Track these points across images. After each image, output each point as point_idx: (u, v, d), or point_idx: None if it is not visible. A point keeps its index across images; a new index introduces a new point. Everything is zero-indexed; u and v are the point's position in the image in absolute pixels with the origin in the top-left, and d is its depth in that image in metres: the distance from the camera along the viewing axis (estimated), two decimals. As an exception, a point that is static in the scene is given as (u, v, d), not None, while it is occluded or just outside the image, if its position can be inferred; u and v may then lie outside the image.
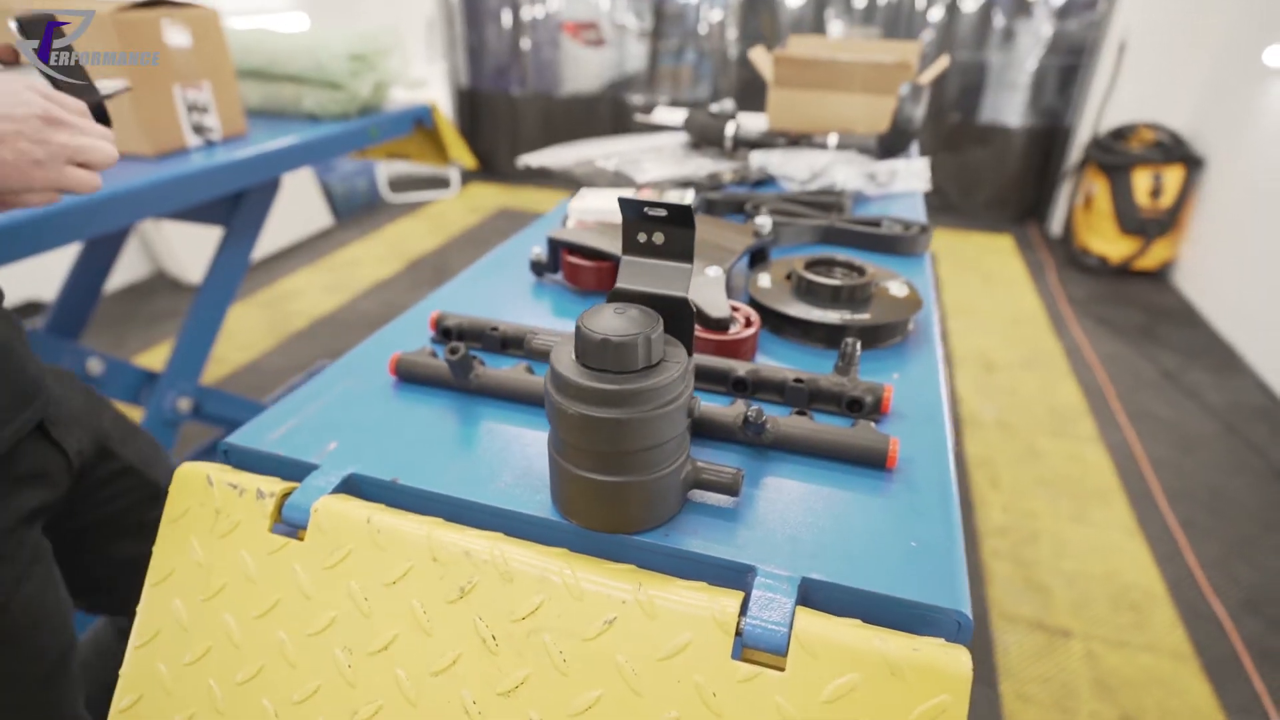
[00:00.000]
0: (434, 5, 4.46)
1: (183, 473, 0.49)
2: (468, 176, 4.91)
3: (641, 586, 0.40)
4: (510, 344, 0.63)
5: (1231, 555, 1.78)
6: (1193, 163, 3.34)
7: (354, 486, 0.49)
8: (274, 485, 0.47)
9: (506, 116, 4.83)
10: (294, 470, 0.50)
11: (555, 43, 4.61)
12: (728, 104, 1.38)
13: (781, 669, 0.37)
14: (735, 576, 0.41)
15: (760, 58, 1.36)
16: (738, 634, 0.38)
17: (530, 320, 0.70)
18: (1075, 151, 3.91)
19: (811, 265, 0.71)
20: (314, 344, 2.67)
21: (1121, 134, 3.61)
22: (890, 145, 1.22)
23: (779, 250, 0.88)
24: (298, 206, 3.61)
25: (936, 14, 3.94)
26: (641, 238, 0.45)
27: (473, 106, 4.88)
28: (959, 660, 0.36)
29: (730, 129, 1.24)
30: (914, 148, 1.50)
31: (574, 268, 0.75)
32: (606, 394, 0.38)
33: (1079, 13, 3.85)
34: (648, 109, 1.65)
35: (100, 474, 0.72)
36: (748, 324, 0.63)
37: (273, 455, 0.51)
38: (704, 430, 0.51)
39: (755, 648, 0.38)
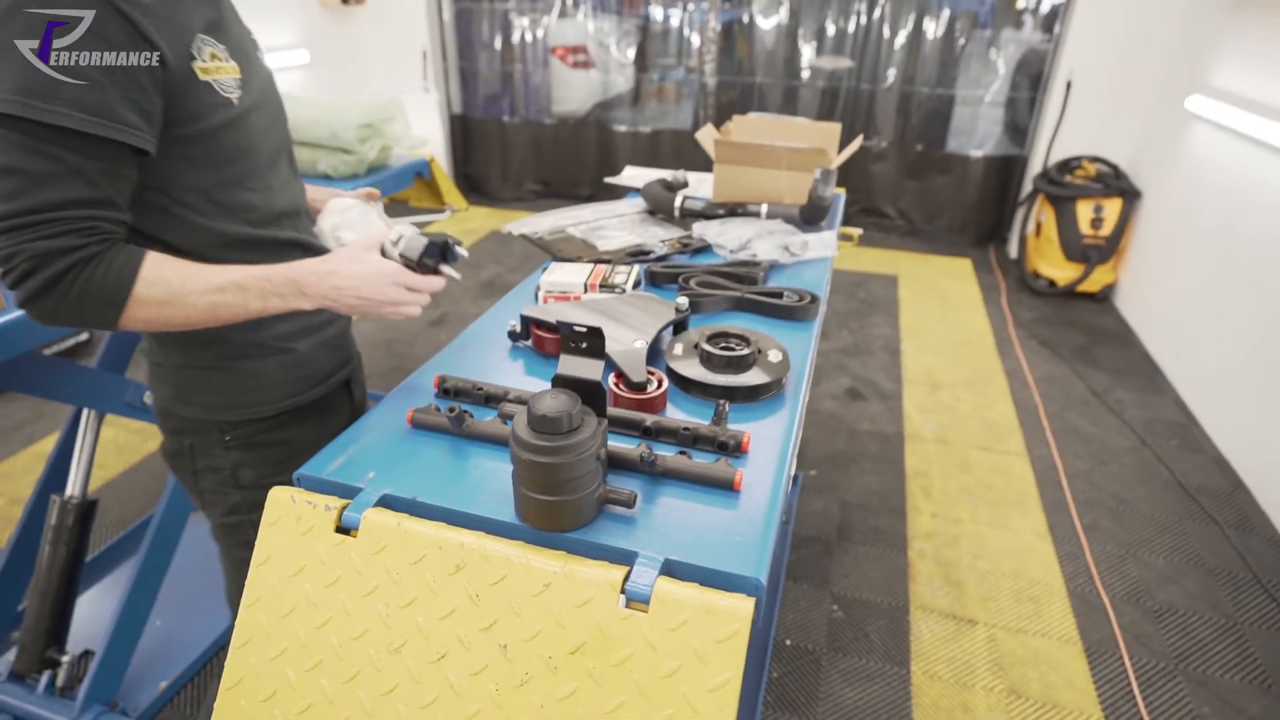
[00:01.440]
0: (428, 35, 4.72)
1: (274, 494, 0.75)
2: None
3: (566, 564, 0.66)
4: (491, 400, 0.89)
5: (1125, 555, 2.05)
6: (1131, 195, 3.63)
7: (387, 502, 0.75)
8: (335, 502, 0.74)
9: (497, 142, 5.10)
10: (346, 491, 0.76)
11: (545, 66, 4.88)
12: (681, 175, 1.65)
13: (646, 612, 0.63)
14: (625, 557, 0.68)
15: (705, 138, 1.63)
16: (623, 592, 0.64)
17: (508, 379, 0.97)
18: (1027, 182, 4.21)
19: (712, 338, 0.97)
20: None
21: (1068, 166, 3.91)
22: (808, 216, 1.49)
23: (703, 318, 1.14)
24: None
25: (901, 41, 4.22)
26: (572, 344, 0.71)
27: (465, 132, 5.14)
28: (747, 605, 0.62)
29: (679, 201, 1.51)
30: (839, 211, 1.77)
31: (539, 339, 1.01)
32: (544, 448, 0.65)
33: (1033, 50, 4.16)
34: (616, 172, 1.92)
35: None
36: (659, 385, 0.90)
37: (332, 481, 0.77)
38: (617, 463, 0.77)
39: (633, 599, 0.64)
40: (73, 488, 1.48)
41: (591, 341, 0.70)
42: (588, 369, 0.71)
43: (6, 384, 1.23)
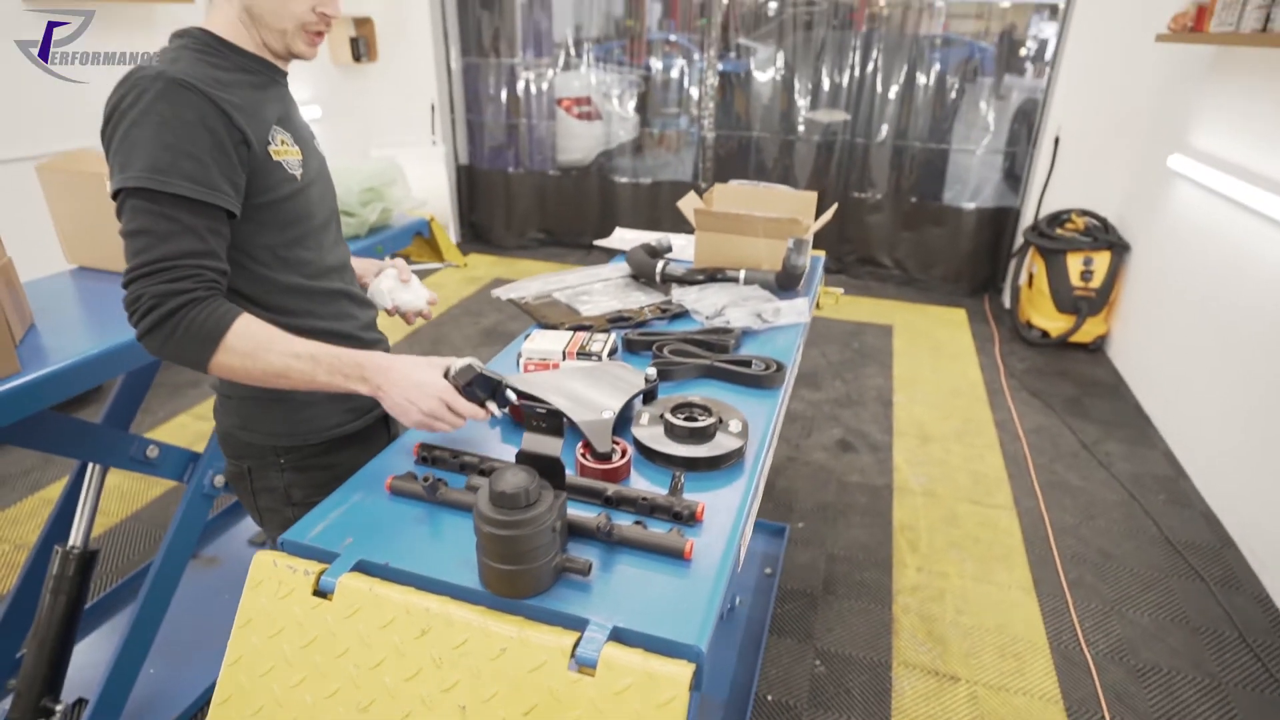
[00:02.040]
0: (437, 90, 4.90)
1: (258, 558, 0.81)
2: (466, 248, 5.30)
3: (522, 629, 0.72)
4: (467, 468, 0.95)
5: (1109, 611, 2.06)
6: (1119, 248, 3.71)
7: (362, 567, 0.81)
8: (313, 566, 0.79)
9: (502, 192, 5.25)
10: (325, 556, 0.82)
11: (551, 118, 5.05)
12: (665, 240, 1.74)
13: (593, 677, 0.68)
14: (577, 624, 0.73)
15: (686, 206, 1.71)
16: (573, 656, 0.69)
17: (487, 443, 1.03)
18: (1020, 234, 4.29)
19: (676, 408, 1.04)
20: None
21: (1058, 219, 4.00)
22: (783, 283, 1.56)
23: (673, 385, 1.21)
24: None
25: (894, 95, 4.37)
26: (534, 423, 0.78)
27: (470, 182, 5.30)
28: (685, 672, 0.67)
29: (659, 267, 1.59)
30: (818, 273, 1.84)
31: (515, 408, 1.08)
32: (502, 522, 0.71)
33: (1031, 99, 4.29)
34: (607, 232, 2.02)
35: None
36: (623, 454, 0.96)
37: (311, 546, 0.83)
38: (578, 531, 0.83)
39: (582, 664, 0.69)
40: (75, 538, 1.53)
41: (551, 422, 0.77)
42: (548, 446, 0.77)
43: (16, 441, 1.30)
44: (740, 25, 4.53)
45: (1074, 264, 3.75)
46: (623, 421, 1.06)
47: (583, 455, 0.96)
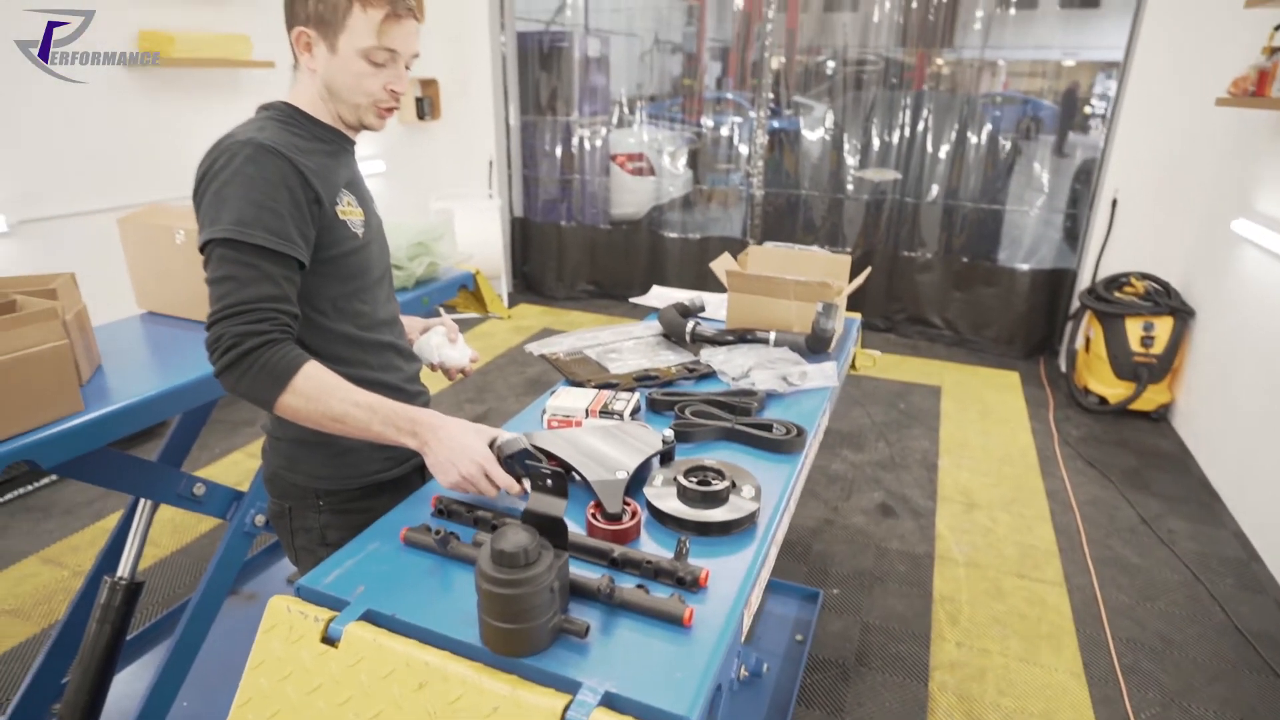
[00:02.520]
0: (495, 146, 5.12)
1: (273, 602, 0.84)
2: (516, 298, 5.44)
3: (515, 689, 0.72)
4: (480, 523, 0.98)
5: (1168, 703, 1.93)
6: (1183, 314, 3.57)
7: (370, 616, 0.83)
8: (323, 613, 0.82)
9: (554, 244, 5.40)
10: (336, 604, 0.85)
11: (605, 173, 5.21)
12: (698, 299, 1.76)
13: (582, 742, 0.68)
14: (571, 686, 0.73)
15: (719, 268, 1.74)
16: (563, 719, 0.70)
17: (504, 497, 1.05)
18: (1075, 297, 4.18)
19: (689, 471, 1.04)
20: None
21: (1116, 282, 3.88)
22: (813, 346, 1.56)
23: (692, 448, 1.22)
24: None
25: (944, 154, 4.37)
26: (539, 482, 0.80)
27: (524, 234, 5.47)
28: (673, 744, 0.66)
29: (689, 327, 1.61)
30: (853, 336, 1.84)
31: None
32: (500, 580, 0.72)
33: (1079, 164, 4.24)
34: (645, 290, 2.06)
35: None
36: (633, 516, 0.97)
37: (324, 593, 0.86)
38: (580, 591, 0.83)
39: (572, 729, 0.69)
40: (123, 569, 1.61)
41: (556, 482, 0.79)
42: (552, 506, 0.79)
43: (75, 475, 1.38)
44: (795, 84, 4.62)
45: (1133, 329, 3.63)
46: (638, 482, 1.07)
47: (593, 515, 0.97)
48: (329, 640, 0.80)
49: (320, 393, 0.98)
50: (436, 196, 4.90)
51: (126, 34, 3.04)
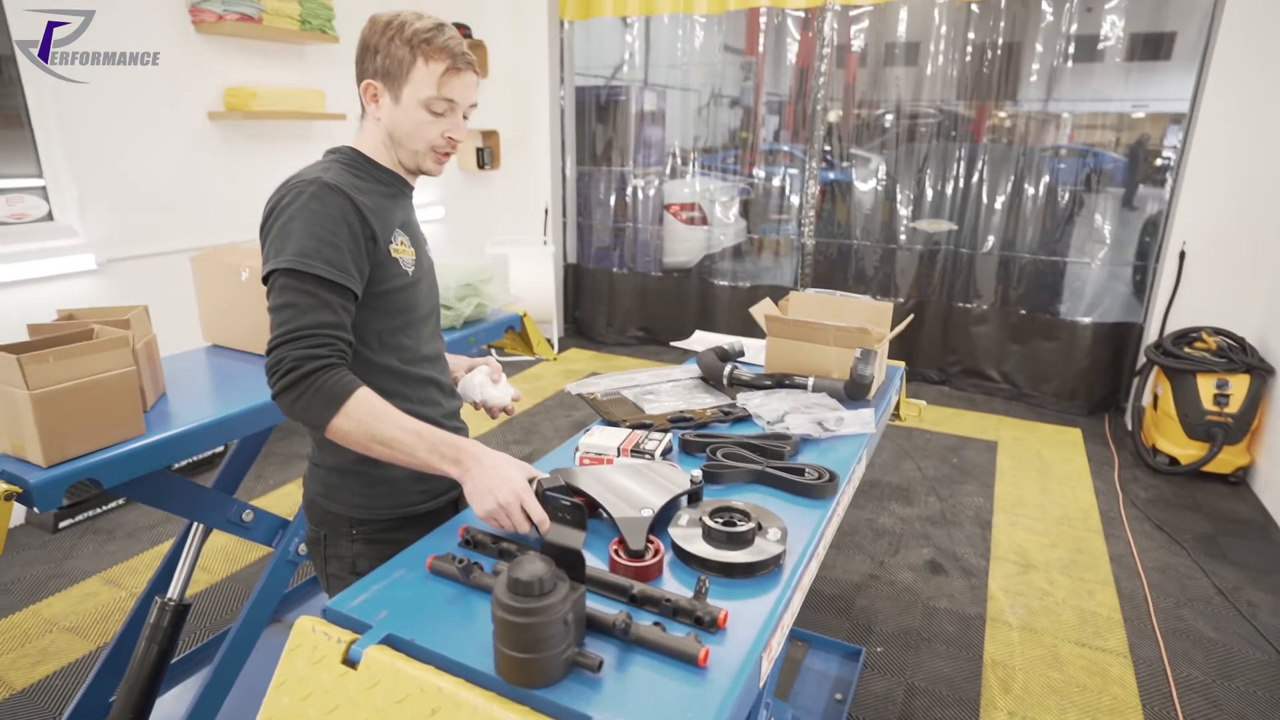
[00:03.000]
0: (551, 195, 5.27)
1: (300, 623, 0.86)
2: (567, 342, 5.53)
3: (525, 721, 0.72)
4: (505, 555, 0.99)
5: (1245, 792, 1.77)
6: (1261, 371, 3.39)
7: (391, 641, 0.84)
8: (345, 635, 0.84)
9: (606, 290, 5.49)
10: (359, 627, 0.86)
11: (658, 222, 5.30)
12: (737, 344, 1.77)
13: (587, 779, 0.67)
14: (580, 721, 0.73)
15: (758, 313, 1.75)
16: (570, 756, 0.69)
17: (526, 537, 1.06)
18: (1140, 352, 4.02)
19: (715, 512, 1.04)
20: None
21: (1186, 337, 3.72)
22: (851, 393, 1.54)
23: (722, 489, 1.21)
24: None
25: (1000, 205, 4.30)
26: (559, 514, 0.80)
27: (577, 280, 5.58)
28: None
29: (727, 370, 1.61)
30: (895, 384, 1.80)
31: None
32: (514, 608, 0.73)
33: (1142, 216, 4.11)
34: (686, 334, 2.07)
35: None
36: (656, 554, 0.96)
37: (349, 616, 0.88)
38: (596, 626, 0.83)
39: (579, 765, 0.68)
40: (173, 590, 1.67)
41: (575, 515, 0.80)
42: (570, 538, 0.80)
43: (134, 495, 1.45)
44: (852, 137, 4.64)
45: (1205, 386, 3.45)
46: (664, 521, 1.07)
47: (615, 551, 0.97)
48: (349, 662, 0.82)
49: (370, 417, 1.02)
50: (492, 242, 5.07)
51: (214, 92, 3.29)
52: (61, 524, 2.81)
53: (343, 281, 1.05)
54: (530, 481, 1.03)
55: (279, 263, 1.03)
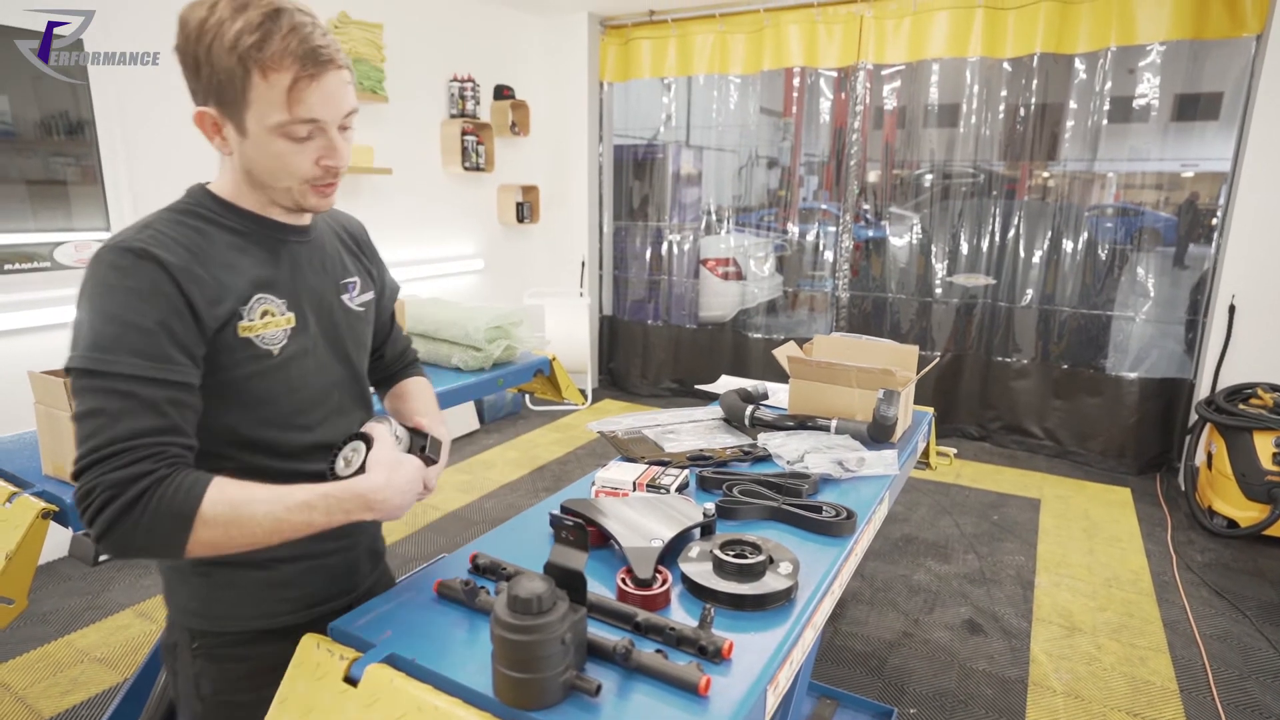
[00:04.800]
0: (588, 248, 5.39)
1: (306, 639, 0.87)
2: (601, 393, 5.56)
3: (519, 743, 0.71)
4: (505, 578, 0.99)
5: None
6: (1322, 431, 3.23)
7: (392, 660, 0.84)
8: (349, 653, 0.84)
9: (640, 342, 5.53)
10: (362, 645, 0.87)
11: (694, 276, 5.36)
12: (761, 386, 1.77)
13: (578, 803, 0.66)
14: (575, 746, 0.71)
15: (781, 354, 1.75)
16: (562, 779, 0.68)
17: (536, 561, 1.06)
18: (1191, 409, 3.87)
19: (726, 545, 1.02)
20: (441, 537, 3.15)
21: (1240, 394, 3.58)
22: (875, 434, 1.52)
23: (737, 525, 1.19)
24: (449, 413, 4.33)
25: (1038, 259, 4.25)
26: (563, 535, 0.81)
27: (612, 331, 5.64)
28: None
29: (749, 411, 1.61)
30: (924, 429, 1.77)
31: (596, 530, 1.11)
32: (512, 625, 0.73)
33: (1189, 270, 4.02)
34: (713, 379, 2.08)
35: None
36: (663, 583, 0.95)
37: (354, 635, 0.88)
38: (597, 652, 0.82)
39: (570, 790, 0.67)
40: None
41: (578, 536, 0.80)
42: (573, 559, 0.80)
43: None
44: (890, 195, 4.67)
45: (1263, 445, 3.29)
46: (675, 554, 1.06)
47: (623, 580, 0.96)
48: (350, 680, 0.82)
49: (237, 514, 0.79)
50: (530, 293, 5.18)
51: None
52: (101, 557, 2.88)
53: (159, 375, 0.79)
54: (402, 441, 0.95)
55: (71, 360, 0.79)
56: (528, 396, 4.98)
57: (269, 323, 0.90)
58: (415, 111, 4.18)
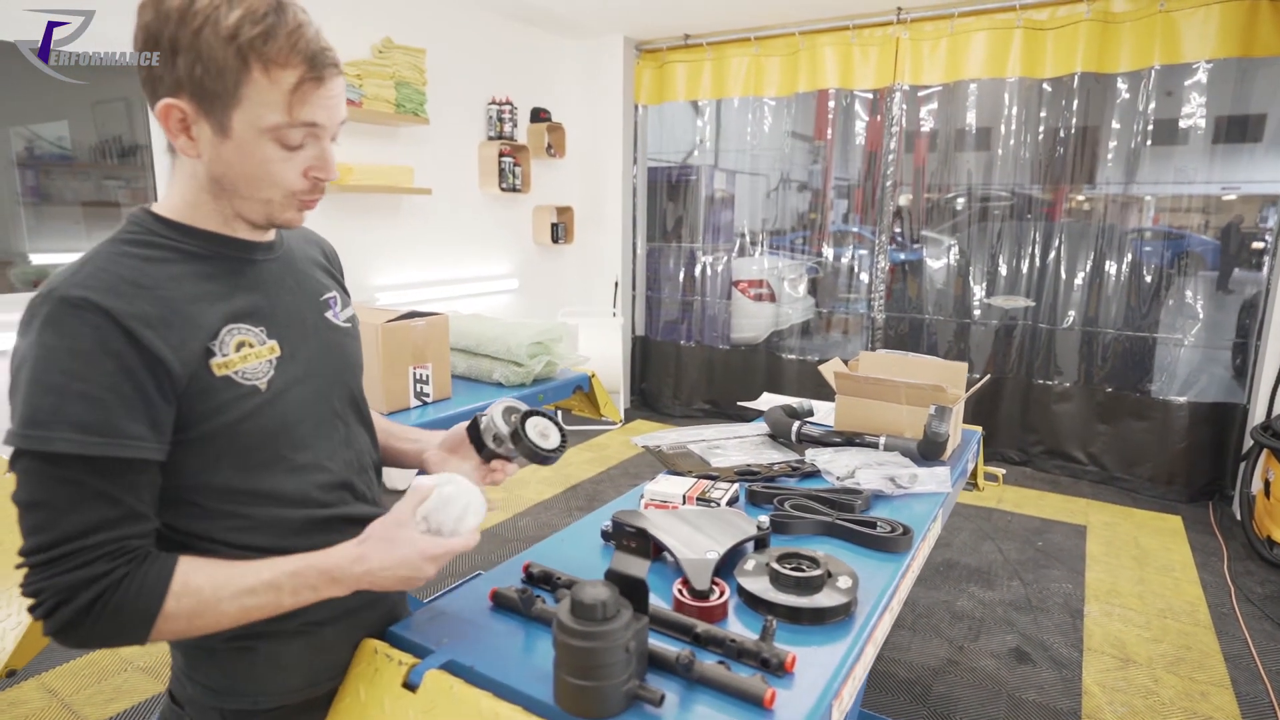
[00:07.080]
0: (621, 269, 5.42)
1: (365, 643, 0.87)
2: (633, 414, 5.55)
3: (583, 752, 0.70)
4: (561, 587, 0.98)
5: None
6: (1385, 459, 3.10)
7: (450, 666, 0.84)
8: (407, 659, 0.84)
9: (673, 362, 5.52)
10: (421, 651, 0.86)
11: (726, 298, 5.36)
12: (806, 403, 1.75)
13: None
14: (640, 757, 0.70)
15: (827, 370, 1.73)
16: (628, 790, 0.66)
17: (592, 573, 1.05)
18: (1246, 434, 3.75)
19: (783, 558, 1.00)
20: (475, 555, 3.15)
21: (1297, 421, 3.45)
22: (925, 451, 1.49)
23: (790, 539, 1.17)
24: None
25: (1080, 281, 4.17)
26: (624, 543, 0.80)
27: (644, 352, 5.65)
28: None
29: (795, 427, 1.59)
30: (972, 449, 1.73)
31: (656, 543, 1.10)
32: (576, 632, 0.72)
33: (1240, 292, 3.91)
34: (754, 396, 2.06)
35: None
36: (721, 595, 0.93)
37: (412, 641, 0.88)
38: (659, 663, 0.81)
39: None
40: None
41: (640, 543, 0.79)
42: (635, 567, 0.79)
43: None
44: (923, 219, 4.64)
45: (1323, 473, 3.17)
46: (730, 566, 1.04)
47: (679, 591, 0.95)
48: (409, 685, 0.82)
49: (202, 605, 0.72)
50: (563, 313, 5.21)
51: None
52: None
53: (108, 453, 0.68)
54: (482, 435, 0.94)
55: (7, 439, 0.69)
56: (560, 414, 4.98)
57: (247, 355, 0.78)
58: (454, 133, 4.26)
